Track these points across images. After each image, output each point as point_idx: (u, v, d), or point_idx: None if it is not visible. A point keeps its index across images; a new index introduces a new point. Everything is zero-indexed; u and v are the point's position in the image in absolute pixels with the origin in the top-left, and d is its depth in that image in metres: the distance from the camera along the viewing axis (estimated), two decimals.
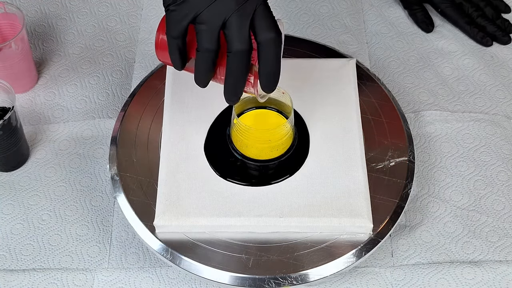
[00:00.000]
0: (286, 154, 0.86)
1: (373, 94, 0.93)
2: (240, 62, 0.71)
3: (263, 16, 0.70)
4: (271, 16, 0.71)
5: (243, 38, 0.70)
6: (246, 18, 0.69)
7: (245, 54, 0.70)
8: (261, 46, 0.71)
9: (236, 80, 0.73)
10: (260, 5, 0.70)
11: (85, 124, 0.97)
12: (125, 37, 1.07)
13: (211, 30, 0.70)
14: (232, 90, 0.74)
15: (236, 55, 0.70)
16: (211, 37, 0.70)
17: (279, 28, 0.71)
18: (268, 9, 0.71)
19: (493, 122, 0.97)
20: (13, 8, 0.95)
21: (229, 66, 0.72)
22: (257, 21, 0.70)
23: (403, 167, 0.87)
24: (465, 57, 1.05)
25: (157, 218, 0.81)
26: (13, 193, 0.91)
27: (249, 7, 0.70)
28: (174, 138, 0.87)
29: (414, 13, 1.08)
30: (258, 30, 0.70)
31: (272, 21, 0.71)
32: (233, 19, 0.69)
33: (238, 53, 0.70)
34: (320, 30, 1.08)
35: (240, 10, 0.69)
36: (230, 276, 0.79)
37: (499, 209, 0.90)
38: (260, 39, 0.70)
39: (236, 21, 0.69)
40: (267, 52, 0.71)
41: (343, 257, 0.80)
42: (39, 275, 0.84)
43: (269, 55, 0.71)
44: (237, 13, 0.69)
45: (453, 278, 0.83)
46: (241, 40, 0.70)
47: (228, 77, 0.73)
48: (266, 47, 0.71)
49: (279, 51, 0.72)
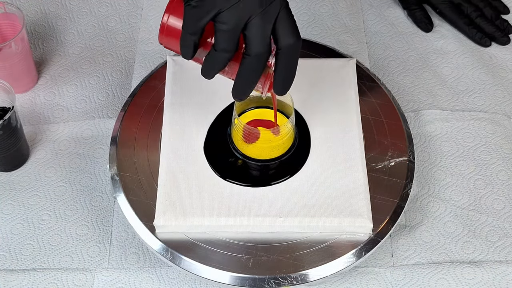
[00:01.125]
0: (287, 153, 0.86)
1: (373, 94, 0.93)
2: (257, 66, 0.70)
3: (285, 20, 0.69)
4: (293, 20, 0.69)
5: (264, 42, 0.68)
6: (269, 22, 0.68)
7: (263, 58, 0.69)
8: (282, 51, 0.69)
9: (248, 82, 0.72)
10: (283, 8, 0.68)
11: (85, 124, 0.97)
12: (125, 37, 1.07)
13: (231, 31, 0.68)
14: (242, 90, 0.73)
15: (254, 59, 0.69)
16: (230, 38, 0.68)
17: (299, 33, 0.70)
18: (290, 13, 0.69)
19: (493, 121, 0.97)
20: (13, 8, 0.95)
21: (244, 67, 0.70)
22: (279, 26, 0.68)
23: (403, 167, 0.87)
24: (464, 56, 1.05)
25: (157, 218, 0.81)
26: (13, 193, 0.91)
27: (272, 10, 0.68)
28: (174, 138, 0.87)
29: (413, 13, 1.09)
30: (280, 35, 0.68)
31: (294, 26, 0.69)
32: (256, 22, 0.67)
33: (257, 56, 0.69)
34: (320, 30, 1.08)
35: (263, 12, 0.67)
36: (230, 276, 0.79)
37: (499, 208, 0.90)
38: (281, 44, 0.69)
39: (259, 23, 0.67)
40: (286, 58, 0.70)
41: (343, 257, 0.80)
42: (39, 275, 0.84)
43: (288, 61, 0.70)
44: (260, 16, 0.67)
45: (453, 278, 0.83)
46: (262, 44, 0.68)
47: (241, 77, 0.71)
48: (287, 53, 0.69)
49: (297, 57, 0.71)
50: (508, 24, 1.07)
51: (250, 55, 0.69)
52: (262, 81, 0.74)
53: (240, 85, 0.72)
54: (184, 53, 0.72)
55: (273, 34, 0.69)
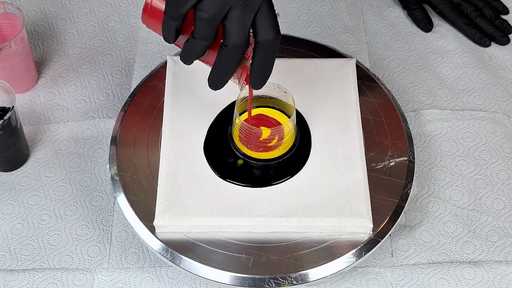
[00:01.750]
0: (288, 153, 0.86)
1: (373, 94, 0.93)
2: (233, 57, 0.70)
3: (266, 15, 0.69)
4: (274, 15, 0.69)
5: (242, 34, 0.68)
6: (249, 14, 0.68)
7: (240, 50, 0.69)
8: (260, 46, 0.70)
9: (224, 72, 0.72)
10: (265, 3, 0.69)
11: (85, 124, 0.97)
12: (125, 37, 1.07)
13: (211, 19, 0.68)
14: (218, 80, 0.73)
15: (231, 50, 0.69)
16: (209, 27, 0.68)
17: (279, 29, 0.70)
18: (272, 7, 0.70)
19: (493, 120, 0.97)
20: (13, 8, 0.95)
21: (221, 57, 0.70)
22: (259, 20, 0.68)
23: (403, 167, 0.87)
24: (464, 56, 1.05)
25: (157, 218, 0.81)
26: (13, 193, 0.91)
27: (254, 4, 0.68)
28: (174, 138, 0.87)
29: (413, 13, 1.09)
30: (259, 29, 0.69)
31: (274, 21, 0.69)
32: (236, 13, 0.67)
33: (234, 48, 0.69)
34: (320, 30, 1.08)
35: (244, 5, 0.67)
36: (230, 276, 0.79)
37: (499, 208, 0.90)
38: (260, 38, 0.69)
39: (239, 15, 0.67)
40: (264, 52, 0.70)
41: (343, 257, 0.80)
42: (39, 275, 0.84)
43: (265, 56, 0.70)
44: (241, 8, 0.67)
45: (453, 278, 0.83)
46: (240, 36, 0.68)
47: (217, 67, 0.71)
48: (265, 48, 0.70)
49: (276, 52, 0.71)
50: (508, 24, 1.07)
51: (227, 45, 0.69)
52: (239, 72, 0.74)
53: (216, 75, 0.73)
54: (165, 36, 0.72)
55: (253, 27, 0.69)
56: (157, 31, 0.75)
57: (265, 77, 0.73)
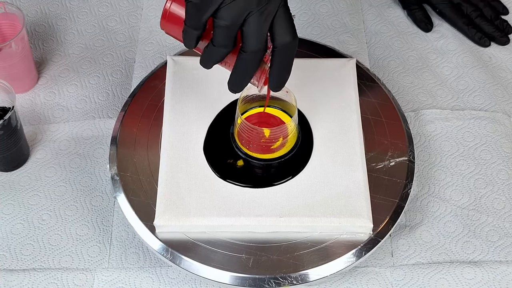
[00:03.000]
0: (290, 152, 0.86)
1: (373, 94, 0.93)
2: (252, 62, 0.71)
3: (283, 18, 0.69)
4: (290, 19, 0.70)
5: (260, 39, 0.69)
6: (267, 19, 0.68)
7: (258, 55, 0.70)
8: (278, 50, 0.70)
9: (244, 76, 0.73)
10: (281, 7, 0.69)
11: (85, 124, 0.97)
12: (125, 37, 1.07)
13: (229, 27, 0.68)
14: (237, 84, 0.74)
15: (250, 55, 0.70)
16: (228, 34, 0.69)
17: (296, 32, 0.70)
18: (288, 11, 0.70)
19: (494, 120, 0.97)
20: (13, 8, 0.95)
21: (239, 63, 0.71)
22: (276, 24, 0.69)
23: (403, 167, 0.87)
24: (464, 56, 1.05)
25: (157, 218, 0.81)
26: (13, 193, 0.91)
27: (270, 8, 0.68)
28: (174, 138, 0.87)
29: (413, 13, 1.09)
30: (277, 33, 0.69)
31: (291, 25, 0.70)
32: (253, 19, 0.68)
33: (252, 53, 0.69)
34: (320, 30, 1.08)
35: (261, 10, 0.68)
36: (230, 276, 0.79)
37: (499, 208, 0.90)
38: (278, 43, 0.69)
39: (256, 21, 0.68)
40: (282, 56, 0.70)
41: (343, 257, 0.80)
42: (39, 275, 0.84)
43: (284, 59, 0.71)
44: (258, 13, 0.68)
45: (453, 278, 0.83)
46: (258, 42, 0.69)
47: (236, 72, 0.72)
48: (283, 52, 0.70)
49: (293, 55, 0.71)
50: (508, 24, 1.07)
51: (246, 51, 0.70)
52: (258, 76, 0.75)
53: (235, 79, 0.73)
54: (186, 44, 0.73)
55: (270, 32, 0.70)
56: (175, 36, 0.75)
57: (284, 79, 0.74)
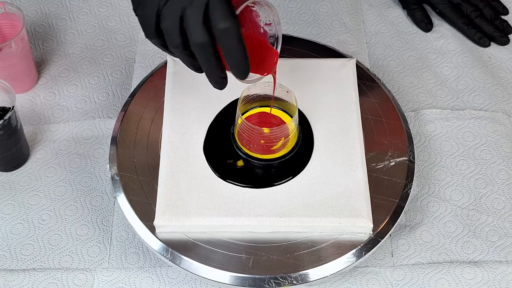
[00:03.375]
0: (291, 153, 0.86)
1: (373, 94, 0.93)
2: (204, 54, 0.71)
3: (216, 5, 0.69)
4: (225, 4, 0.69)
5: (199, 31, 0.69)
6: (199, 11, 0.68)
7: (205, 46, 0.70)
8: (218, 36, 0.70)
9: (209, 69, 0.73)
10: None
11: (85, 124, 0.97)
12: (125, 37, 1.07)
13: (171, 27, 0.70)
14: (210, 78, 0.74)
15: (197, 48, 0.70)
16: (173, 34, 0.70)
17: (234, 14, 0.69)
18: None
19: (494, 120, 0.97)
20: (13, 8, 0.95)
21: (198, 59, 0.72)
22: (210, 12, 0.69)
23: (403, 167, 0.87)
24: (464, 56, 1.05)
25: (157, 218, 0.81)
26: (13, 193, 0.91)
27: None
28: (174, 138, 0.87)
29: (413, 13, 1.09)
30: (212, 21, 0.69)
31: (226, 9, 0.69)
32: (188, 13, 0.69)
33: (198, 46, 0.70)
34: (320, 30, 1.08)
35: (193, 3, 0.68)
36: (230, 276, 0.79)
37: (500, 208, 0.90)
38: (215, 30, 0.69)
39: (190, 15, 0.69)
40: (225, 41, 0.70)
41: (343, 257, 0.80)
42: (39, 275, 0.84)
43: (228, 44, 0.70)
44: (190, 7, 0.68)
45: (453, 278, 0.83)
46: (198, 33, 0.69)
47: (203, 67, 0.73)
48: (223, 37, 0.69)
49: (238, 38, 0.70)
50: (508, 25, 1.07)
51: (192, 45, 0.70)
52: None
53: (206, 74, 0.74)
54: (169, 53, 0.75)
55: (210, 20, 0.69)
56: None
57: (239, 65, 0.72)
